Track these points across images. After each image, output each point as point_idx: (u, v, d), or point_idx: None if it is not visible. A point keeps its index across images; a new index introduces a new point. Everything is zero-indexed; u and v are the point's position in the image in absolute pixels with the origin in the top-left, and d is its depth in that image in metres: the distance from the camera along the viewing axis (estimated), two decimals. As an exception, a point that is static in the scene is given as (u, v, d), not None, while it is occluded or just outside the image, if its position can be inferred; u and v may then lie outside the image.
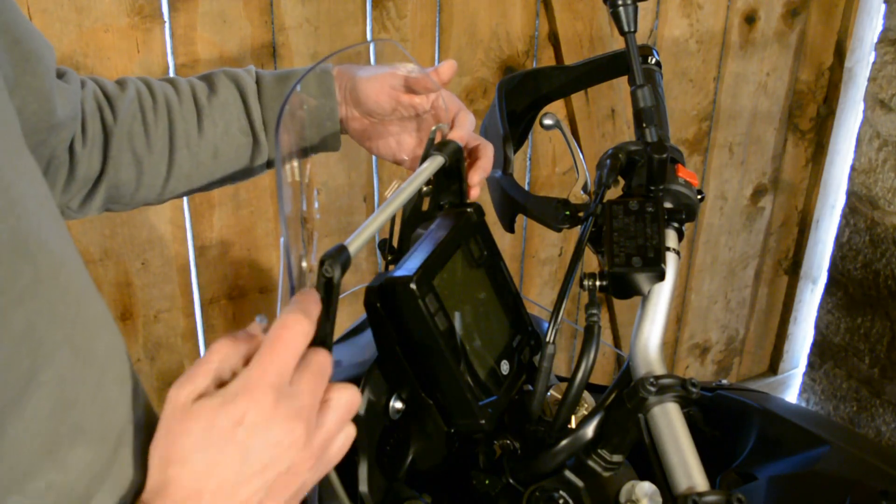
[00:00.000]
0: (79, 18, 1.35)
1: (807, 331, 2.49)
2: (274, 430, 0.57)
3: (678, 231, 0.90)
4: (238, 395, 0.56)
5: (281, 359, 0.58)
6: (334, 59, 0.99)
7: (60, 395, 0.56)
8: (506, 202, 0.96)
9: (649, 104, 0.96)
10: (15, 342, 0.53)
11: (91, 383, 0.60)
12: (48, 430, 0.55)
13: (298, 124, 0.88)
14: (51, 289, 0.57)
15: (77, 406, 0.58)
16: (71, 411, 0.57)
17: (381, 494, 0.81)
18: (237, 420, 0.56)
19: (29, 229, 0.56)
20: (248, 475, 0.57)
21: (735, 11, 1.99)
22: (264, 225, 1.64)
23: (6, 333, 0.52)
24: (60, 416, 0.56)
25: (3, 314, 0.52)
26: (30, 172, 0.61)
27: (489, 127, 1.03)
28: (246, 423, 0.56)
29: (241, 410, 0.56)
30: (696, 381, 0.77)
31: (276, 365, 0.57)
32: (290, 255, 0.67)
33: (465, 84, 1.73)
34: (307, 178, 0.74)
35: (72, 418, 0.57)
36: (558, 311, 0.81)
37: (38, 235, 0.57)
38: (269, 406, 0.57)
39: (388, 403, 0.82)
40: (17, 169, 0.58)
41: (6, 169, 0.56)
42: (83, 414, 0.58)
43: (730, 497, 0.70)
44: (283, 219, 0.67)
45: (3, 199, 0.54)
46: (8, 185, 0.55)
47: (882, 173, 2.06)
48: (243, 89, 0.96)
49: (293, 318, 0.59)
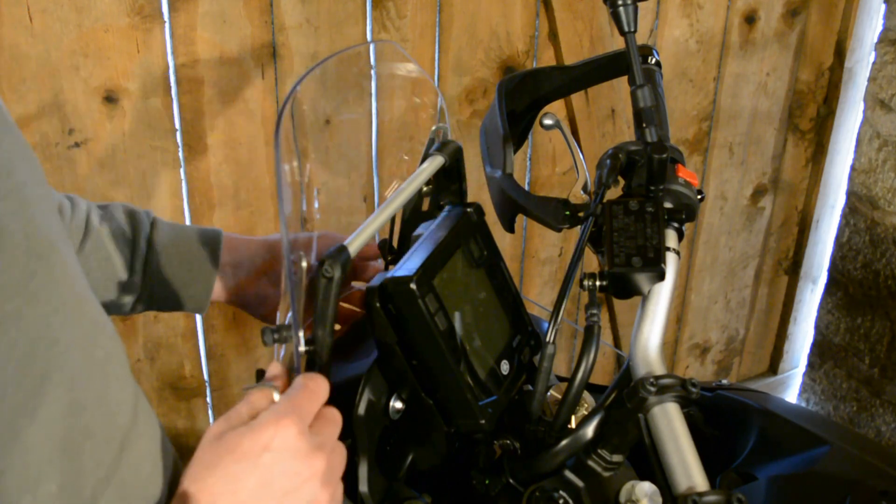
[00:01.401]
0: (79, 18, 1.35)
1: (807, 331, 2.49)
2: (298, 460, 0.60)
3: (678, 231, 0.90)
4: (266, 423, 0.60)
5: (307, 401, 0.63)
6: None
7: (72, 396, 0.57)
8: (506, 202, 0.96)
9: (649, 104, 0.96)
10: (31, 343, 0.53)
11: (97, 385, 0.60)
12: (61, 432, 0.56)
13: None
14: (63, 289, 0.57)
15: (87, 408, 0.58)
16: (82, 413, 0.57)
17: (381, 494, 0.81)
18: (264, 445, 0.59)
19: (40, 229, 0.56)
20: (266, 499, 0.59)
21: (735, 11, 1.99)
22: (264, 225, 1.64)
23: (22, 334, 0.52)
24: (72, 417, 0.57)
25: (19, 314, 0.52)
26: (37, 174, 0.61)
27: (489, 127, 1.03)
28: (272, 448, 0.59)
29: (268, 436, 0.59)
30: (696, 381, 0.77)
31: (303, 405, 0.62)
32: (290, 256, 0.67)
33: (465, 84, 1.73)
34: (306, 179, 0.74)
35: (82, 420, 0.58)
36: (558, 311, 0.81)
37: (48, 235, 0.57)
38: (295, 436, 0.60)
39: (388, 403, 0.82)
40: (26, 170, 0.58)
41: (18, 169, 0.56)
42: (92, 416, 0.59)
43: (730, 497, 0.70)
44: (283, 222, 0.67)
45: (16, 199, 0.54)
46: (21, 184, 0.55)
47: (882, 173, 2.06)
48: (136, 227, 0.96)
49: (318, 377, 0.66)
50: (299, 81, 0.86)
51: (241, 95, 1.52)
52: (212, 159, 1.54)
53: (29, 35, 1.32)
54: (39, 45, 1.33)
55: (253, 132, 1.55)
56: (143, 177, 1.49)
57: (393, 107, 1.33)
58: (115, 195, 1.48)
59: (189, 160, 1.52)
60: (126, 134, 1.45)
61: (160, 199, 1.52)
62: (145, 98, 1.44)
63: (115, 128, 1.44)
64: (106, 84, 1.40)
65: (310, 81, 0.83)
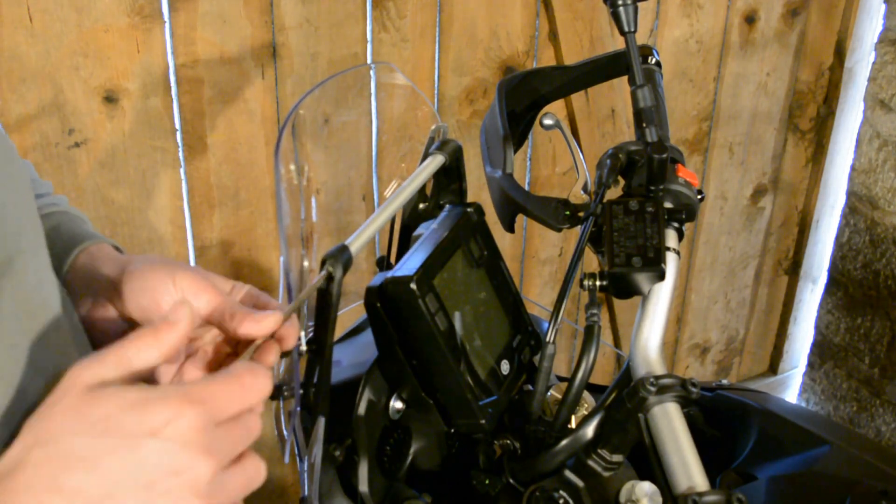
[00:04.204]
0: (79, 18, 1.35)
1: (807, 331, 2.49)
2: (183, 455, 0.48)
3: (678, 231, 0.90)
4: (166, 400, 0.49)
5: (231, 395, 0.51)
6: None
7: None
8: (506, 202, 0.96)
9: (649, 104, 0.96)
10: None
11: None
12: None
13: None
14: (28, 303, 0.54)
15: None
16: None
17: (381, 494, 0.81)
18: (153, 428, 0.48)
19: (7, 237, 0.53)
20: (125, 490, 0.48)
21: (735, 11, 1.99)
22: (264, 225, 1.64)
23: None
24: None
25: None
26: (15, 180, 0.58)
27: (489, 127, 1.03)
28: (162, 435, 0.48)
29: (162, 419, 0.48)
30: (696, 381, 0.77)
31: (222, 398, 0.51)
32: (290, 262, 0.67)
33: (465, 84, 1.73)
34: (305, 181, 0.74)
35: None
36: (558, 311, 0.81)
37: (17, 244, 0.54)
38: (194, 429, 0.49)
39: (388, 403, 0.82)
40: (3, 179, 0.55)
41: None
42: None
43: (730, 497, 0.70)
44: (282, 232, 0.67)
45: None
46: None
47: (882, 173, 2.06)
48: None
49: (261, 373, 0.53)
50: (299, 102, 0.85)
51: (241, 95, 1.52)
52: (212, 159, 1.54)
53: (29, 35, 1.32)
54: (39, 45, 1.33)
55: (253, 132, 1.55)
56: (143, 177, 1.49)
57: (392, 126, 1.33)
58: (115, 195, 1.48)
59: (189, 160, 1.52)
60: (126, 134, 1.45)
61: (160, 199, 1.52)
62: (145, 98, 1.44)
63: (115, 128, 1.44)
64: (106, 84, 1.40)
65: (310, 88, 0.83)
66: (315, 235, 0.82)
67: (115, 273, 0.67)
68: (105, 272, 0.68)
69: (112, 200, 1.48)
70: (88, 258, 0.71)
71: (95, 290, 0.68)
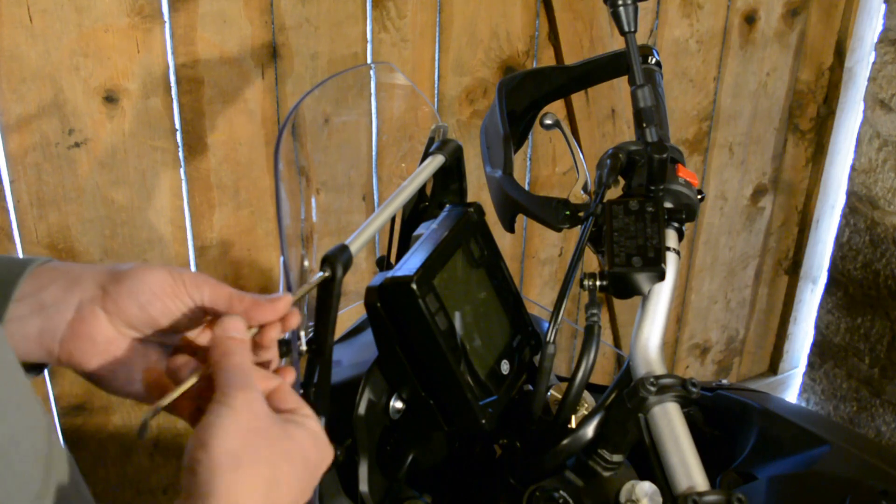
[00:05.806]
0: (79, 18, 1.35)
1: (807, 331, 2.49)
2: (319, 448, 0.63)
3: (678, 231, 0.90)
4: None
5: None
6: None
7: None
8: (506, 202, 0.96)
9: (649, 104, 0.96)
10: None
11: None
12: None
13: None
14: None
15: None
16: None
17: (381, 494, 0.81)
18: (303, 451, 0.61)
19: None
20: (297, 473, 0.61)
21: (735, 11, 1.99)
22: (264, 225, 1.64)
23: None
24: None
25: None
26: None
27: (489, 127, 1.03)
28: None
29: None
30: (696, 381, 0.77)
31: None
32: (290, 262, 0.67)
33: (465, 84, 1.73)
34: (305, 181, 0.74)
35: None
36: (558, 311, 0.81)
37: None
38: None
39: (388, 403, 0.82)
40: None
41: None
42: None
43: (730, 497, 0.70)
44: (282, 232, 0.67)
45: None
46: None
47: (882, 173, 2.06)
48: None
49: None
50: (299, 102, 0.86)
51: (241, 95, 1.52)
52: (212, 159, 1.54)
53: (29, 35, 1.32)
54: (39, 45, 1.33)
55: (253, 132, 1.55)
56: (143, 177, 1.49)
57: (391, 126, 1.32)
58: (115, 195, 1.48)
59: (189, 160, 1.52)
60: (126, 134, 1.45)
61: (160, 199, 1.52)
62: (145, 98, 1.44)
63: (115, 128, 1.44)
64: (106, 84, 1.40)
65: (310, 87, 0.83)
66: (315, 235, 0.83)
67: (101, 278, 0.66)
68: (87, 281, 0.66)
69: (112, 200, 1.48)
70: (47, 276, 0.67)
71: (79, 301, 0.66)
